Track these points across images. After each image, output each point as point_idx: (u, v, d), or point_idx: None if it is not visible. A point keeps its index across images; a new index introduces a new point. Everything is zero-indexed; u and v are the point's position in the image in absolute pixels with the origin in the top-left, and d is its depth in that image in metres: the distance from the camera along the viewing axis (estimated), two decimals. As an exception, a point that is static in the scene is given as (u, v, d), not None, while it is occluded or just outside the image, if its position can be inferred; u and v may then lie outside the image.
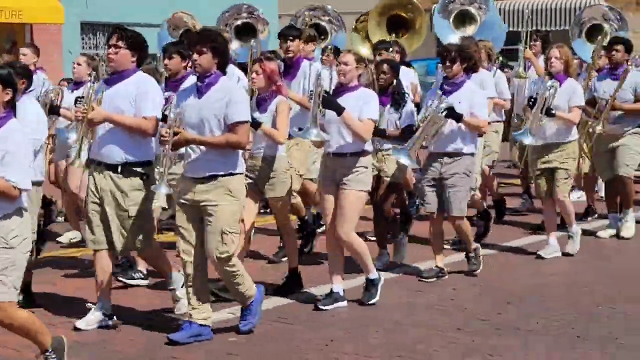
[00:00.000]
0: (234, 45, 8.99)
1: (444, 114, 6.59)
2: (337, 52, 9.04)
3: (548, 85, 7.45)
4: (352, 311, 6.21)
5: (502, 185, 10.61)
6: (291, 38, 7.69)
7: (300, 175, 7.31)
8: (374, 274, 6.26)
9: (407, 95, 7.42)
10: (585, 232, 8.29)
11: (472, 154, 6.96)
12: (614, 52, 8.38)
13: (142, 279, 6.82)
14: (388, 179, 7.21)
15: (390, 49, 8.99)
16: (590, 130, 8.44)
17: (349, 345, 5.53)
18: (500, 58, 11.06)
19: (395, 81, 7.18)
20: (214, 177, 5.31)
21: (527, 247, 8.13)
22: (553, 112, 7.40)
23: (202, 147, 5.33)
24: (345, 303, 6.20)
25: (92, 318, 5.63)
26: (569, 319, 5.98)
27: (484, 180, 8.70)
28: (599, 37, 9.85)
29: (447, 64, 6.88)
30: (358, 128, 6.01)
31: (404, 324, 5.95)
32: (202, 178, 5.33)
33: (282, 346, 5.51)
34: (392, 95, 7.11)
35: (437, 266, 7.00)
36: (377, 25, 9.77)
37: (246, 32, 9.65)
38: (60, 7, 16.53)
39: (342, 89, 6.25)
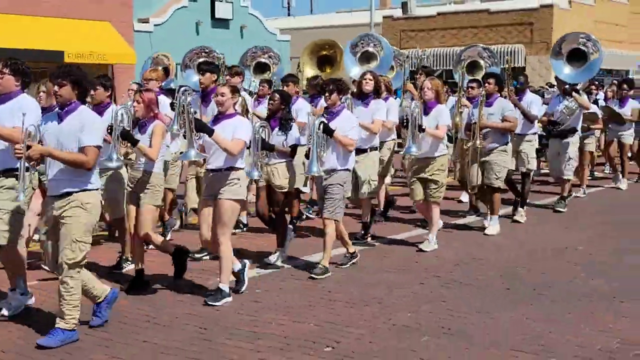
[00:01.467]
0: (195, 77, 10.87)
1: (320, 129, 7.65)
2: (269, 83, 10.81)
3: (413, 107, 8.77)
4: (334, 275, 7.76)
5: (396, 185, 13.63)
6: (202, 72, 8.95)
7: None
8: (224, 285, 6.92)
9: (292, 120, 8.33)
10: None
11: (347, 170, 8.03)
12: (487, 84, 9.94)
13: None
14: (279, 188, 8.28)
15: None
16: (470, 145, 9.86)
17: (338, 295, 7.08)
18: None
19: (284, 108, 8.24)
20: (68, 194, 5.81)
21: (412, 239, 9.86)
22: (423, 127, 8.71)
23: (59, 167, 5.82)
24: (230, 298, 6.87)
25: None
26: (498, 276, 7.75)
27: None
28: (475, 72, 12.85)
29: (327, 95, 8.08)
30: (228, 146, 6.85)
31: (382, 281, 7.59)
32: (59, 195, 5.84)
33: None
34: (279, 119, 8.18)
35: (348, 252, 8.37)
36: (310, 62, 11.82)
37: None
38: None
39: (221, 116, 7.12)
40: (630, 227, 10.45)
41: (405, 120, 8.87)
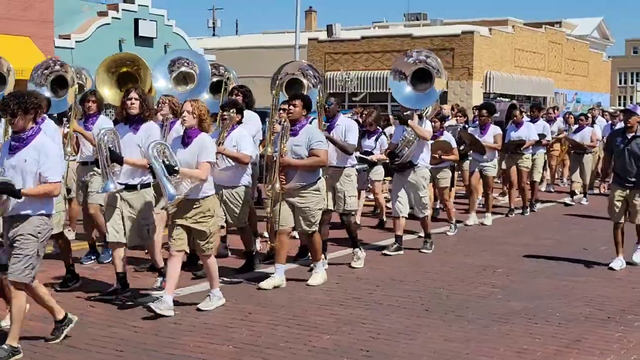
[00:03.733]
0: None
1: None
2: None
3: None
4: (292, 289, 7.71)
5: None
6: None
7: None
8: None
9: None
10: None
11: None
12: (291, 107, 8.06)
13: None
14: None
15: None
16: (269, 189, 8.25)
17: (258, 316, 7.04)
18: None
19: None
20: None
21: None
22: (176, 168, 6.91)
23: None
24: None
25: None
26: (417, 297, 7.84)
27: None
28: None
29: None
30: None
31: (303, 301, 7.64)
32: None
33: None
34: None
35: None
36: (108, 80, 9.49)
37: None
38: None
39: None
40: (546, 251, 10.72)
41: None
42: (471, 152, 13.05)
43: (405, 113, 10.05)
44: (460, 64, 38.81)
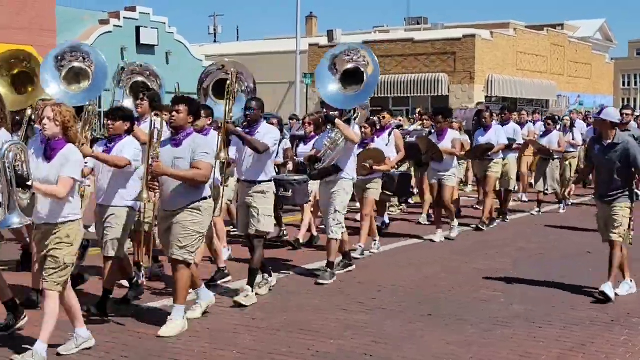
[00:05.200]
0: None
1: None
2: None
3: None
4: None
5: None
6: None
7: None
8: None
9: None
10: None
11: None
12: (174, 113, 6.79)
13: None
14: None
15: None
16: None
17: (262, 322, 7.06)
18: None
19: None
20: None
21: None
22: (29, 183, 5.53)
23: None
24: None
25: None
26: (420, 302, 7.85)
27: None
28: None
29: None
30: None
31: (305, 306, 7.66)
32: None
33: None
34: None
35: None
36: (1, 81, 8.36)
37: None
38: None
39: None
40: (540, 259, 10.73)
41: None
42: (430, 161, 11.95)
43: (332, 112, 8.96)
44: (462, 67, 38.88)
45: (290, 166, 11.47)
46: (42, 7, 25.45)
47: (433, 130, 12.52)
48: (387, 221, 12.67)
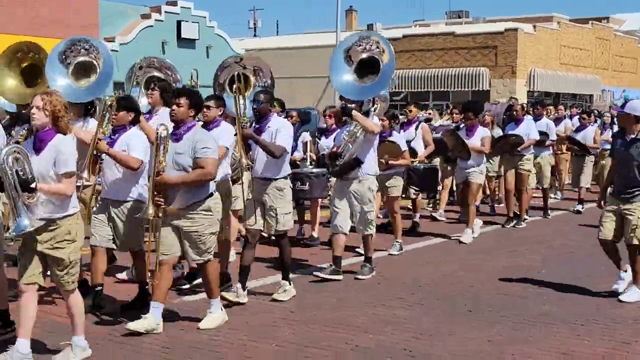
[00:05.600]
0: None
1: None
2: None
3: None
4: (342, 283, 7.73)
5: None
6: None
7: None
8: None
9: None
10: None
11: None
12: (174, 107, 6.52)
13: None
14: None
15: None
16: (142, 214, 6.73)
17: (301, 316, 7.04)
18: None
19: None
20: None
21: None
22: (33, 186, 5.31)
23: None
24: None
25: None
26: (460, 298, 7.77)
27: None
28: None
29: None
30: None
31: (345, 301, 7.63)
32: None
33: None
34: None
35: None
36: (12, 75, 8.10)
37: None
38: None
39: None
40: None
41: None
42: (458, 158, 11.47)
43: (349, 105, 8.56)
44: (503, 62, 38.45)
45: (307, 163, 11.14)
46: (85, 1, 25.71)
47: (462, 125, 12.01)
48: (418, 219, 12.19)
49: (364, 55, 8.70)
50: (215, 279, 6.81)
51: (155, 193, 6.36)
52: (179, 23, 30.32)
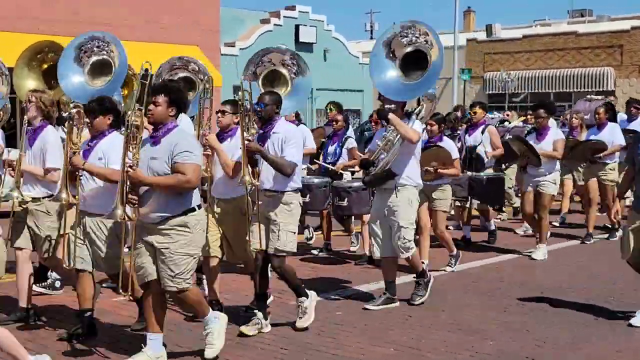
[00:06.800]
0: None
1: None
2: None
3: None
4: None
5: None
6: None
7: None
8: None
9: None
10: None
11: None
12: (151, 106, 5.63)
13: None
14: None
15: None
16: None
17: (419, 320, 7.01)
18: None
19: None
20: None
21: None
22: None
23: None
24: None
25: None
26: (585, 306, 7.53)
27: None
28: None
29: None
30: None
31: (464, 305, 7.52)
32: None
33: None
34: None
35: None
36: (36, 78, 7.87)
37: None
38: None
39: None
40: None
41: None
42: (527, 164, 10.09)
43: (387, 106, 7.34)
44: (629, 61, 36.94)
45: (347, 175, 9.87)
46: (207, 7, 26.38)
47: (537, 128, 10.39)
48: (469, 235, 11.06)
49: (409, 49, 7.49)
50: (197, 300, 5.76)
51: (128, 190, 5.46)
52: (297, 27, 30.69)
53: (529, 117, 12.60)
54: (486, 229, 11.38)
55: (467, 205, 10.77)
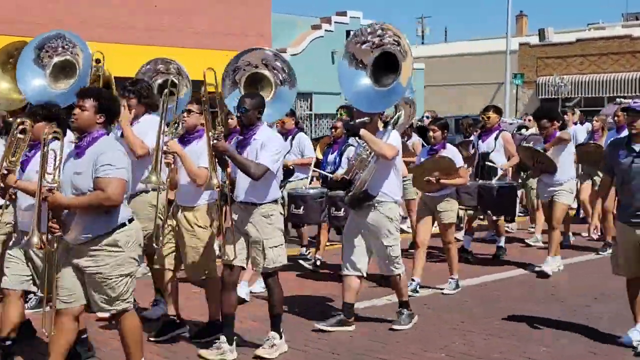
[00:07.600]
0: None
1: None
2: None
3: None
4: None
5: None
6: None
7: None
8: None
9: None
10: None
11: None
12: (77, 110, 5.09)
13: None
14: None
15: None
16: None
17: (472, 326, 7.00)
18: None
19: None
20: None
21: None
22: None
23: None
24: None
25: None
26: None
27: None
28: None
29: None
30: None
31: (516, 311, 7.43)
32: None
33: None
34: None
35: None
36: (2, 77, 7.42)
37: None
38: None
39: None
40: None
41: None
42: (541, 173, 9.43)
43: (358, 120, 6.75)
44: (687, 64, 36.24)
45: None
46: (258, 13, 26.62)
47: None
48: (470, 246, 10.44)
49: (377, 53, 6.76)
50: (135, 341, 5.19)
51: (50, 217, 4.93)
52: (348, 33, 30.77)
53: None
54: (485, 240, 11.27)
55: (473, 212, 10.25)
